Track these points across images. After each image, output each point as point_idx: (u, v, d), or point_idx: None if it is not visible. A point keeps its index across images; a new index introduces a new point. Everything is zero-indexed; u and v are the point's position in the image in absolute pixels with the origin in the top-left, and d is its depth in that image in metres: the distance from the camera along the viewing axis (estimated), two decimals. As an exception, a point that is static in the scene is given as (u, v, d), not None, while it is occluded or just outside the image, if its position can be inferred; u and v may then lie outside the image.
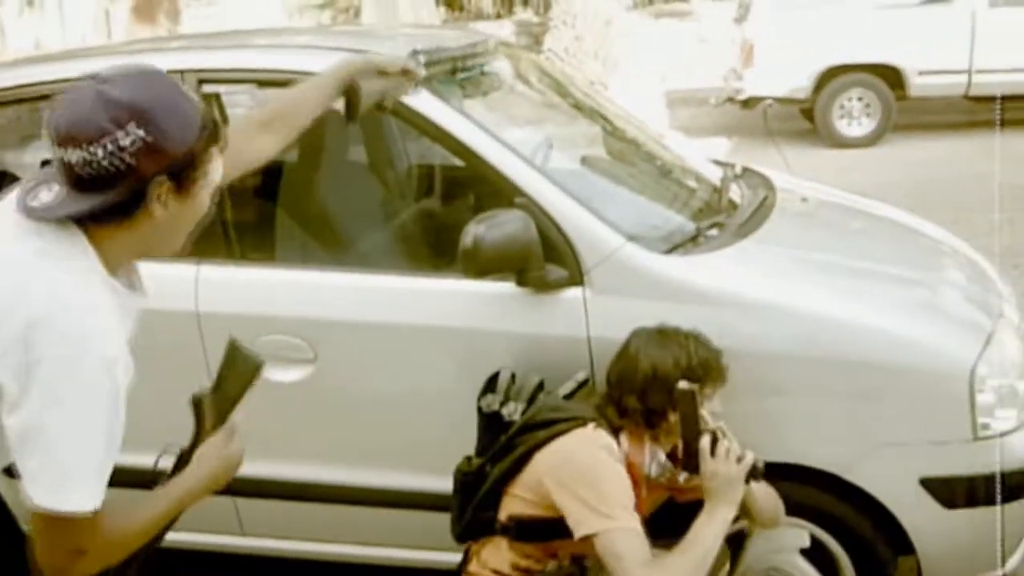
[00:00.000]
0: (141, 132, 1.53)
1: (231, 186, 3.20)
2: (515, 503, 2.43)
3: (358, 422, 2.92)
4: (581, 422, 2.38)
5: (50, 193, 1.58)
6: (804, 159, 9.41)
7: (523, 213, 2.64)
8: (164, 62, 3.16)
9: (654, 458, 2.42)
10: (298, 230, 3.48)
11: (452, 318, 2.79)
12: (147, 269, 3.19)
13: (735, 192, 3.35)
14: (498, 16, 17.23)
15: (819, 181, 4.32)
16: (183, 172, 1.61)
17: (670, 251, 2.77)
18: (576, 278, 2.68)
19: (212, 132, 1.66)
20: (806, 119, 10.75)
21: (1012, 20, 9.67)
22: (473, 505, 2.50)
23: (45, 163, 1.68)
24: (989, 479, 2.55)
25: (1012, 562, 2.72)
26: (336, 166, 3.69)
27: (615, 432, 2.39)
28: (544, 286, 2.69)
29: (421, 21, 12.19)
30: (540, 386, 2.59)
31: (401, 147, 4.13)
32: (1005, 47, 9.63)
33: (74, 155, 1.52)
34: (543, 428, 2.40)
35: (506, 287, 2.71)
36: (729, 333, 2.59)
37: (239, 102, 5.09)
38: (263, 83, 3.40)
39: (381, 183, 4.03)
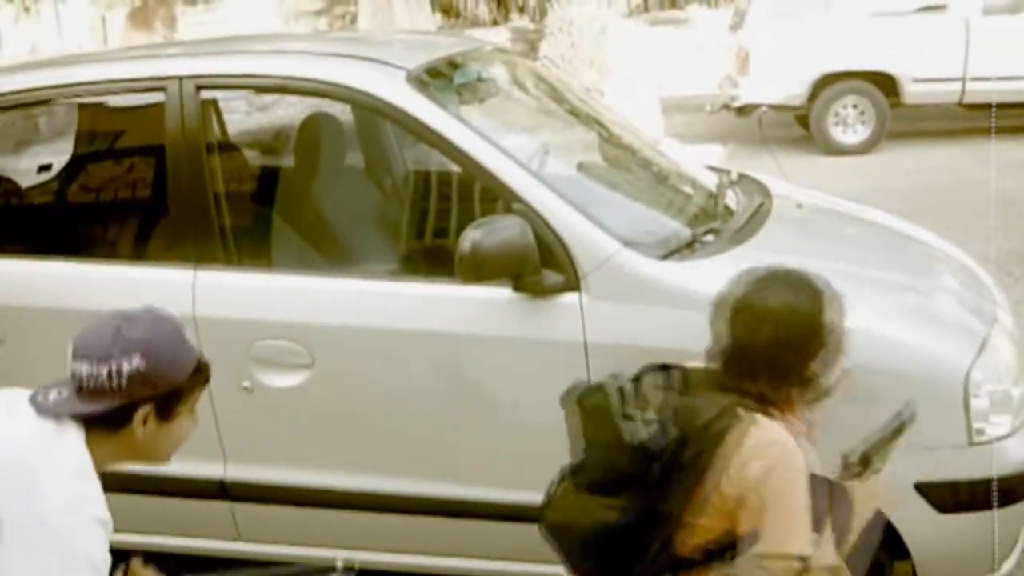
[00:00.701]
0: (141, 364, 1.88)
1: (228, 192, 3.23)
2: (697, 532, 2.13)
3: (355, 427, 2.93)
4: (732, 413, 2.10)
5: (58, 395, 1.92)
6: (799, 166, 9.42)
7: (520, 219, 2.65)
8: (161, 68, 3.18)
9: (805, 418, 2.24)
10: (295, 235, 3.48)
11: (449, 323, 2.80)
12: (145, 273, 3.20)
13: (731, 198, 3.37)
14: (494, 23, 17.25)
15: (814, 188, 4.33)
16: (168, 402, 1.95)
17: (666, 257, 2.78)
18: (572, 283, 2.69)
19: (202, 375, 2.02)
20: (801, 126, 10.78)
21: (1006, 28, 9.71)
22: (656, 550, 2.14)
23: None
24: (984, 484, 2.56)
25: (1007, 566, 2.73)
26: (333, 172, 3.70)
27: (766, 407, 2.13)
28: (541, 291, 2.70)
29: (417, 27, 12.21)
30: (637, 378, 2.27)
31: (398, 153, 4.14)
32: (999, 55, 9.66)
33: (84, 368, 1.89)
34: (702, 437, 2.10)
35: (503, 292, 2.72)
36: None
37: (236, 107, 5.12)
38: (260, 89, 3.41)
39: (378, 189, 4.04)
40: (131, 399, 1.90)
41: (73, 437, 1.89)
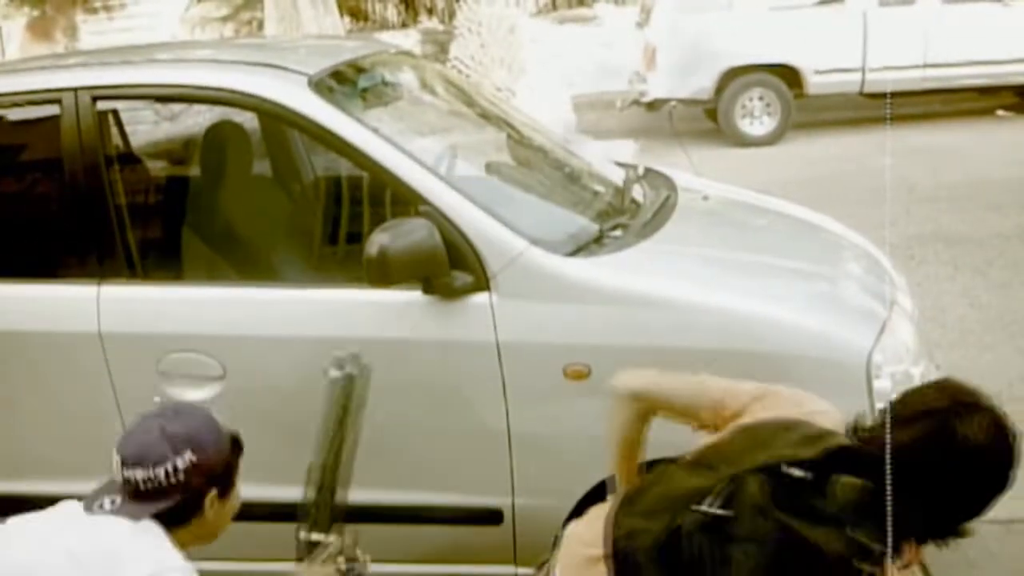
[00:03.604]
0: (192, 457, 2.02)
1: (132, 204, 3.17)
2: None
3: (270, 438, 2.89)
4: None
5: (112, 504, 2.02)
6: (709, 159, 9.59)
7: (427, 221, 2.66)
8: (59, 80, 3.11)
9: None
10: (203, 246, 3.44)
11: (360, 329, 2.79)
12: (45, 291, 3.12)
13: (638, 193, 3.41)
14: (403, 25, 17.20)
15: (723, 179, 4.41)
16: (226, 481, 2.12)
17: (574, 253, 2.80)
18: (482, 283, 2.70)
19: (238, 446, 2.19)
20: (710, 119, 10.96)
21: (901, 18, 9.99)
22: None
23: None
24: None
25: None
26: (241, 180, 3.66)
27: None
28: (451, 293, 2.71)
29: (325, 32, 12.12)
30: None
31: (306, 159, 4.11)
32: (895, 45, 9.95)
33: (139, 473, 2.00)
34: None
35: (413, 295, 2.73)
36: (634, 331, 2.64)
37: (142, 118, 5.03)
38: (159, 99, 3.36)
39: (286, 196, 4.00)
40: (193, 491, 2.04)
41: (157, 532, 2.01)
